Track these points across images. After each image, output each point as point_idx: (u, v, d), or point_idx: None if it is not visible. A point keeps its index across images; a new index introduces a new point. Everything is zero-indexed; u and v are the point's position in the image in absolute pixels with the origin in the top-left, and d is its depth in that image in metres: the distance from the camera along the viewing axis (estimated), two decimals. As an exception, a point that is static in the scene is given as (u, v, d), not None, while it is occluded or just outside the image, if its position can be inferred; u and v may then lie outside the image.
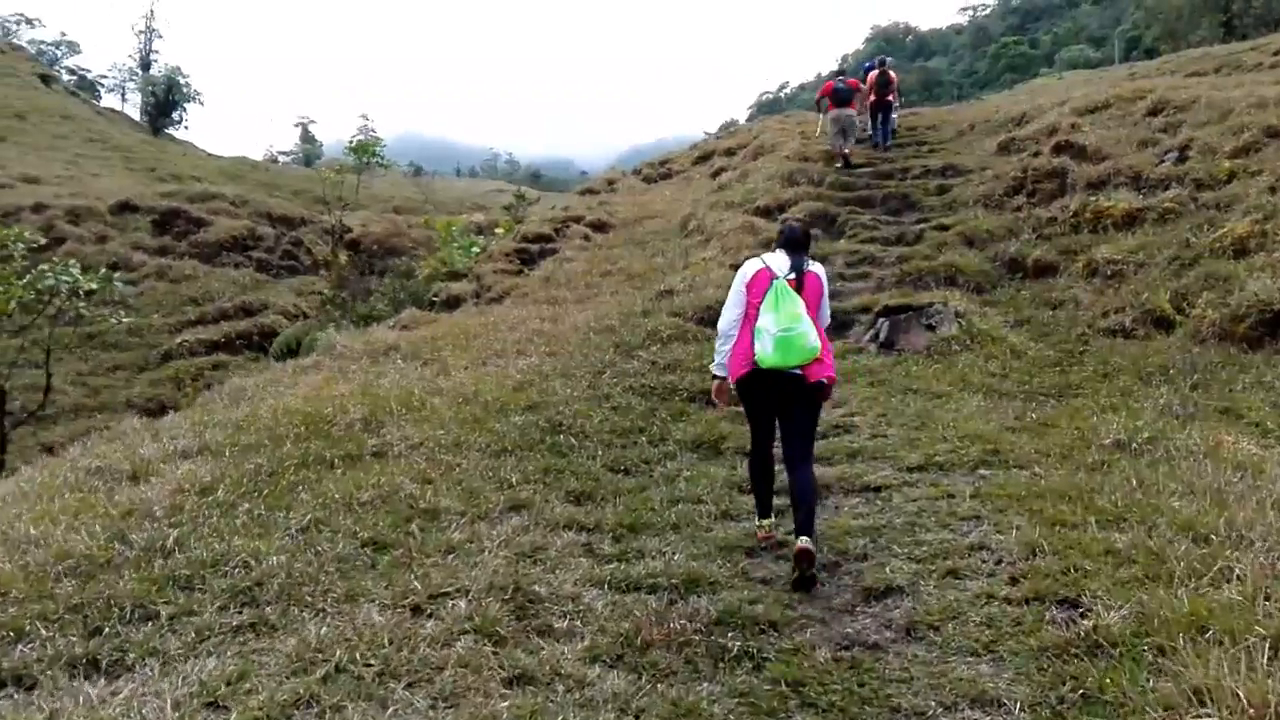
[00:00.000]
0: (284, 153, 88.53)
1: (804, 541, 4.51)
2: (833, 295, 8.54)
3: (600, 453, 6.71)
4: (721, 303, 5.51)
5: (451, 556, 4.75)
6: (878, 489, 5.68)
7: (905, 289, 10.20)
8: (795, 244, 5.23)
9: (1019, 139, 15.64)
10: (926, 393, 7.26)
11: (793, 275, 4.99)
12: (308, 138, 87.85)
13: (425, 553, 4.77)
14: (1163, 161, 11.75)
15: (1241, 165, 10.54)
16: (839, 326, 9.66)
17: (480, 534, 5.07)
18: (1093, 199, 11.01)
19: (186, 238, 23.13)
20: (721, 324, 5.26)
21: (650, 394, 8.06)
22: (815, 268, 5.18)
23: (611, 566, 4.72)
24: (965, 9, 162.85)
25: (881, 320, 8.75)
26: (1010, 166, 13.64)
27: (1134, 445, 5.80)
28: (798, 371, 4.85)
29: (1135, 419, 6.23)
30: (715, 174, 22.24)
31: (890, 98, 17.83)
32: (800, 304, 4.88)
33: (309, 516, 5.24)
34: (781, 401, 4.98)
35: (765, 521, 5.13)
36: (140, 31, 74.27)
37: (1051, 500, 4.99)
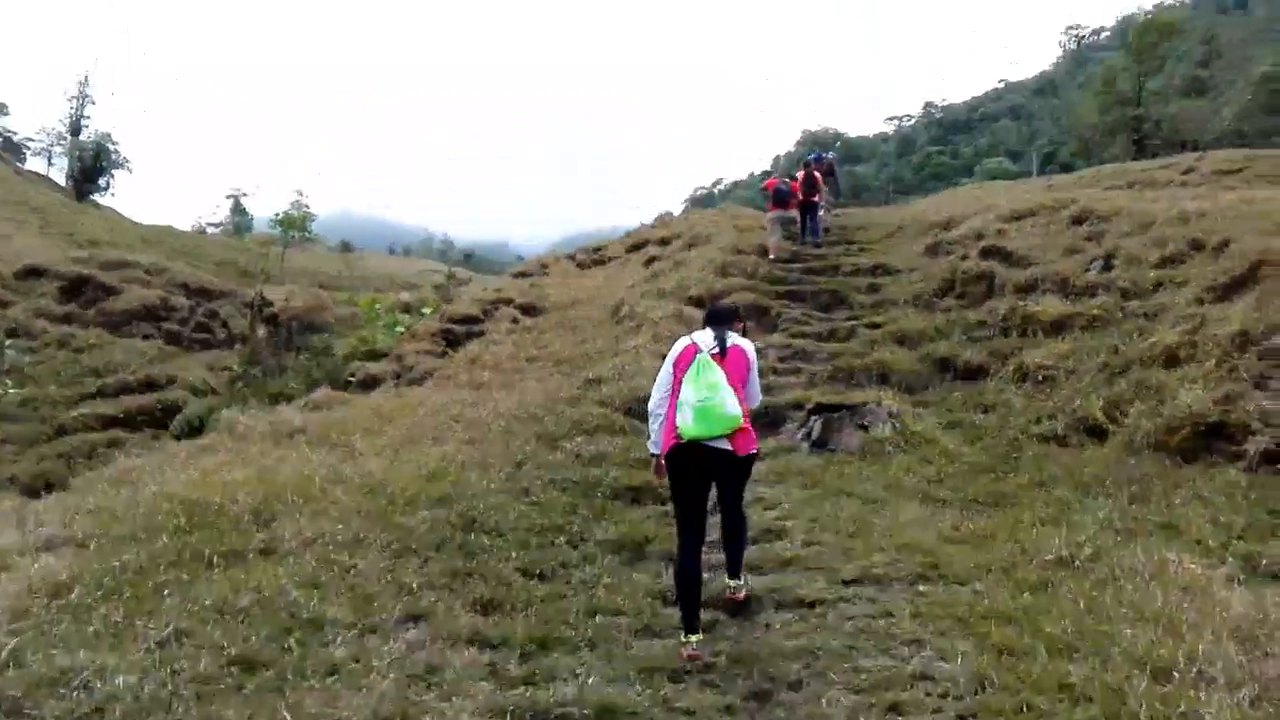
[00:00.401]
0: (214, 224, 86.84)
1: (734, 588, 5.32)
2: (766, 390, 8.28)
3: (514, 554, 6.19)
4: (649, 392, 5.50)
5: (333, 678, 4.17)
6: (812, 604, 5.26)
7: (837, 386, 10.00)
8: (718, 318, 5.42)
9: (946, 242, 15.84)
10: (861, 497, 6.93)
11: (716, 349, 5.12)
12: (239, 210, 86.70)
13: (302, 673, 4.18)
14: (1089, 269, 11.91)
15: (1167, 275, 10.70)
16: (771, 423, 9.38)
17: (369, 650, 4.50)
18: (1021, 303, 11.05)
19: (95, 305, 22.06)
20: (650, 403, 5.33)
21: (572, 489, 7.58)
22: (741, 342, 5.30)
23: (516, 693, 4.19)
24: (891, 119, 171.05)
25: (814, 418, 8.47)
26: (939, 268, 13.75)
27: (1077, 563, 5.51)
28: (725, 446, 4.93)
29: (1076, 534, 5.97)
30: (648, 262, 22.13)
31: (816, 198, 18.14)
32: (720, 374, 4.96)
33: (172, 626, 4.61)
34: (712, 477, 5.07)
35: (693, 638, 4.81)
36: (72, 97, 72.72)
37: (996, 623, 4.64)
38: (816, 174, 18.47)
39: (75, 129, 72.17)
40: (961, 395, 9.77)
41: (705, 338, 5.21)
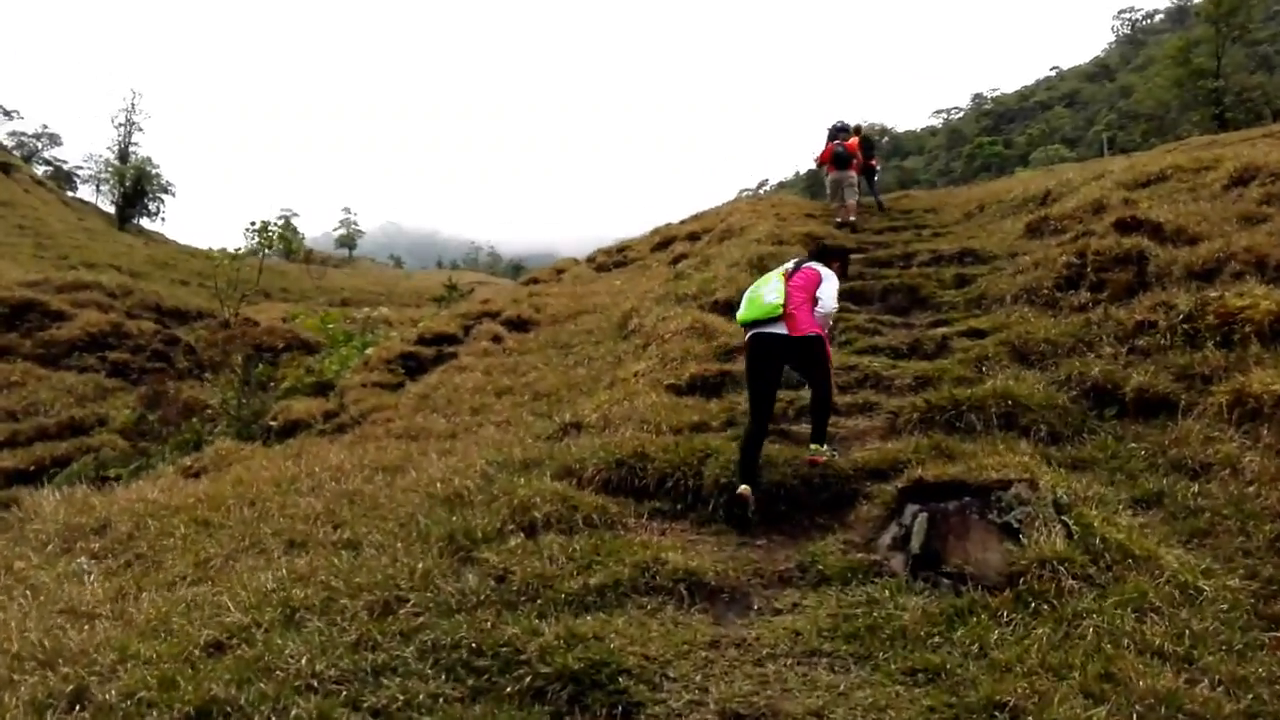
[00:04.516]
0: (278, 248, 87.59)
1: (814, 451, 6.03)
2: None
3: None
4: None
5: None
6: None
7: (935, 433, 6.32)
8: (817, 255, 6.95)
9: (1053, 218, 12.08)
10: (1035, 714, 3.26)
11: (791, 269, 6.44)
12: (289, 230, 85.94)
13: None
14: (1295, 241, 8.08)
15: None
16: (831, 503, 5.81)
17: None
18: (1214, 295, 7.24)
19: (35, 335, 19.09)
20: None
21: (465, 672, 4.02)
22: (815, 265, 6.57)
23: None
24: (939, 112, 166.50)
25: (912, 510, 4.78)
26: (1053, 252, 9.93)
27: None
28: (781, 330, 6.02)
29: None
30: (674, 260, 18.70)
31: (874, 162, 18.11)
32: (777, 280, 6.24)
33: None
34: (779, 361, 6.12)
35: (745, 487, 5.70)
36: (119, 125, 72.28)
37: None
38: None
39: (123, 156, 71.85)
40: (1144, 448, 6.00)
41: (791, 263, 6.60)
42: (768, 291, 6.09)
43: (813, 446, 6.07)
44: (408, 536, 5.63)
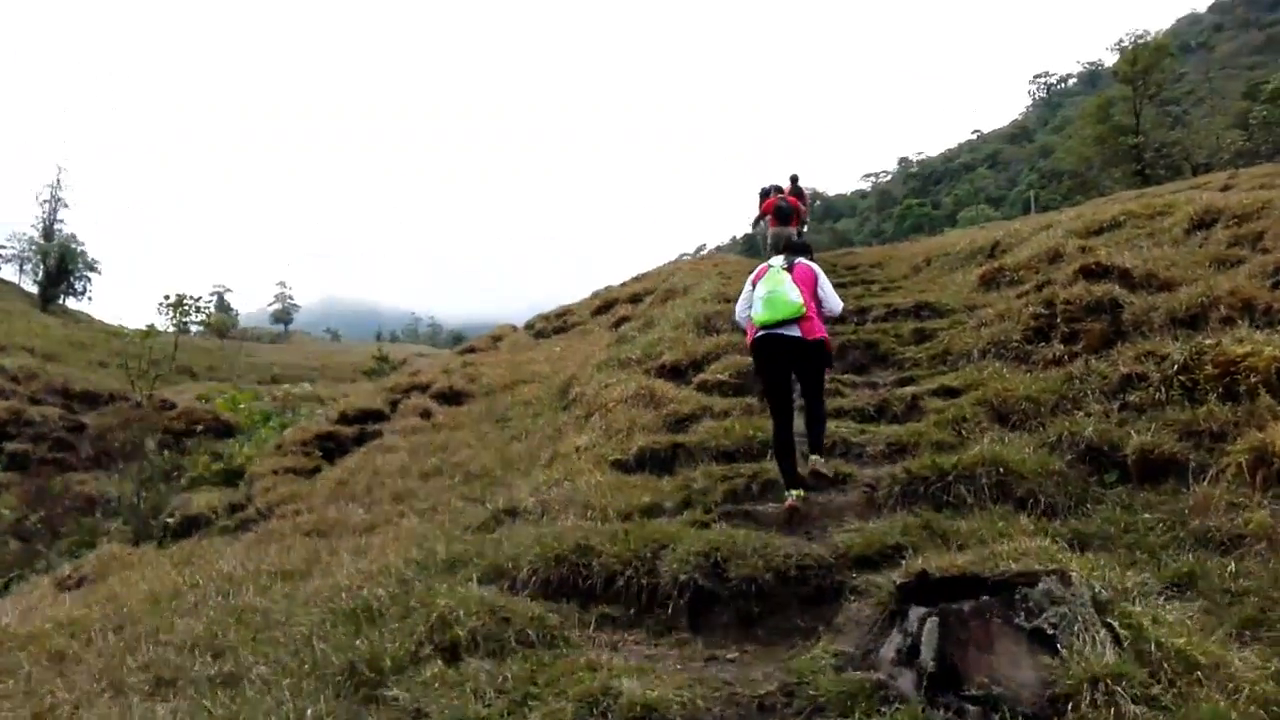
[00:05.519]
0: (197, 324, 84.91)
1: (815, 462, 6.01)
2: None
3: None
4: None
5: None
6: None
7: (923, 510, 5.53)
8: (789, 249, 6.95)
9: (1008, 269, 11.64)
10: None
11: (785, 265, 6.34)
12: (223, 307, 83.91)
13: None
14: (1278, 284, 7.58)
15: None
16: (812, 598, 4.93)
17: None
18: (1210, 343, 6.62)
19: (-78, 425, 17.54)
20: (737, 316, 6.70)
21: None
22: (807, 263, 6.54)
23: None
24: (868, 175, 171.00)
25: (919, 614, 3.91)
26: (1020, 302, 9.39)
27: None
28: (794, 333, 6.01)
29: None
30: (616, 324, 18.01)
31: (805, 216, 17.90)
32: (786, 278, 6.15)
33: None
34: (789, 363, 6.11)
35: (793, 492, 5.80)
36: (44, 201, 69.84)
37: None
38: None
39: (48, 234, 69.39)
40: (1158, 519, 5.25)
41: (778, 259, 6.49)
42: (789, 290, 6.00)
43: (813, 457, 6.05)
44: (300, 667, 4.60)
